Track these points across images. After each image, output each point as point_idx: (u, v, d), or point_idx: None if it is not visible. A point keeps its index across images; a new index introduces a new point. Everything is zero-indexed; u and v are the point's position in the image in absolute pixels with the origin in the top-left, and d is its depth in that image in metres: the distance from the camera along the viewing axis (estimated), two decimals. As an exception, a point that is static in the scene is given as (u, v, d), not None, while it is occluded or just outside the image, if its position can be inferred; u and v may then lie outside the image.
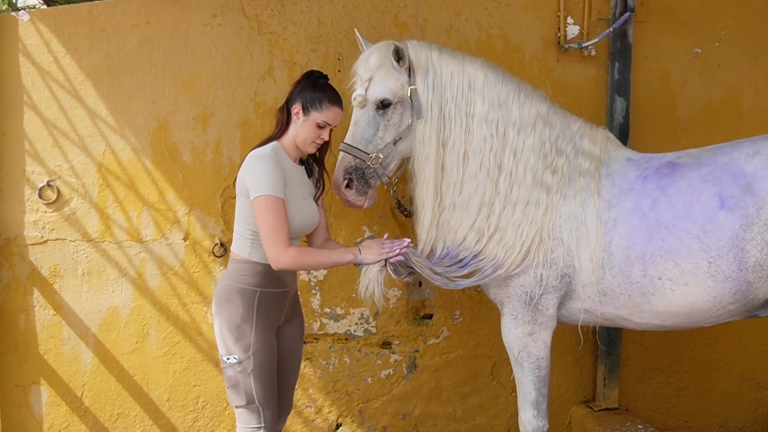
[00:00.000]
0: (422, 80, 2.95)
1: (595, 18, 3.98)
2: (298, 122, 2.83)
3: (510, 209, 2.96)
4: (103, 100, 3.67)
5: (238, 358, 2.74)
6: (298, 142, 2.85)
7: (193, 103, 3.71)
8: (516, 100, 3.00)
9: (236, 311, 2.75)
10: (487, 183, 2.97)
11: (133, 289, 3.74)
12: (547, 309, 3.01)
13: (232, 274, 2.82)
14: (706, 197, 2.78)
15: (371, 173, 2.95)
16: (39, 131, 3.64)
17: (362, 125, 2.96)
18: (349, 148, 2.94)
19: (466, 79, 2.97)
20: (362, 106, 2.96)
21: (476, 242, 2.99)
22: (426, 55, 2.98)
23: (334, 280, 3.86)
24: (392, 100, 2.93)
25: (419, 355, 3.98)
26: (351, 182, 2.95)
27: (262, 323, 2.78)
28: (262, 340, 2.76)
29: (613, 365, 4.04)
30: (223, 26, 3.73)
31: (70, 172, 3.67)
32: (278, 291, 2.86)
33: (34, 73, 3.63)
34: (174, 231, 3.75)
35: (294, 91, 2.86)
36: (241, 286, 2.77)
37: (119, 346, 3.76)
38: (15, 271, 3.67)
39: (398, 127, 2.96)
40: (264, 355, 2.77)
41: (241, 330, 2.74)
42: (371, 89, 2.95)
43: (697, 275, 2.76)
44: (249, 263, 2.80)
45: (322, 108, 2.80)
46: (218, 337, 2.81)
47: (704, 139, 3.46)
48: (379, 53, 2.98)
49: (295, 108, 2.82)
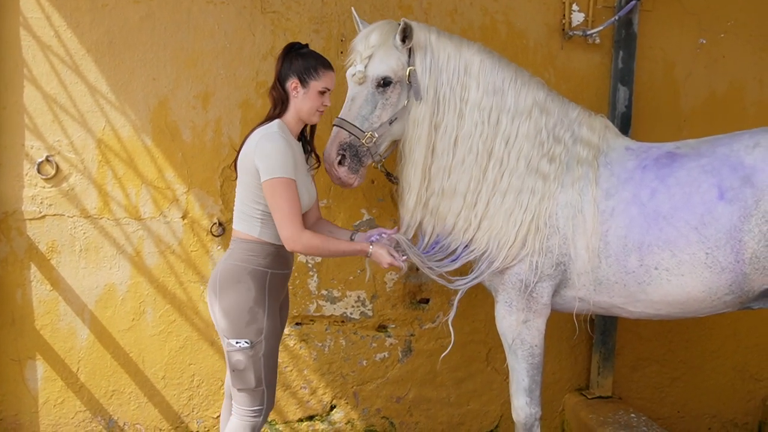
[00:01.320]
0: (421, 61, 2.93)
1: (601, 6, 3.96)
2: (298, 96, 2.80)
3: (499, 197, 2.95)
4: (104, 76, 3.65)
5: (250, 342, 2.70)
6: (302, 115, 2.83)
7: (194, 81, 3.69)
8: (512, 87, 2.97)
9: (248, 293, 2.71)
10: (474, 169, 2.95)
11: (130, 267, 3.74)
12: (541, 297, 3.01)
13: (239, 254, 2.76)
14: (705, 188, 2.78)
15: (364, 152, 2.92)
16: (39, 106, 3.63)
17: (360, 102, 2.93)
18: (345, 124, 2.91)
19: (462, 64, 2.95)
20: (360, 83, 2.94)
21: (465, 231, 2.98)
22: (425, 37, 2.96)
23: (332, 263, 3.86)
24: (393, 79, 2.91)
25: (414, 340, 3.99)
26: (344, 159, 2.91)
27: (272, 306, 2.76)
28: (272, 323, 2.75)
29: (607, 354, 4.06)
30: (226, 4, 3.71)
31: (70, 148, 3.65)
32: (284, 272, 2.86)
33: (34, 47, 3.61)
34: (172, 209, 3.74)
35: (282, 67, 2.81)
36: (252, 267, 2.73)
37: (115, 323, 3.77)
38: (12, 245, 3.66)
39: (395, 107, 2.94)
40: (273, 338, 2.77)
41: (254, 313, 2.70)
42: (371, 66, 2.92)
43: (693, 266, 2.76)
44: (260, 243, 2.76)
45: (318, 75, 2.79)
46: (223, 319, 2.73)
47: (707, 131, 3.44)
48: (380, 31, 2.96)
49: (292, 83, 2.78)
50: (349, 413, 3.97)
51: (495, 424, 4.11)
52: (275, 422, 3.91)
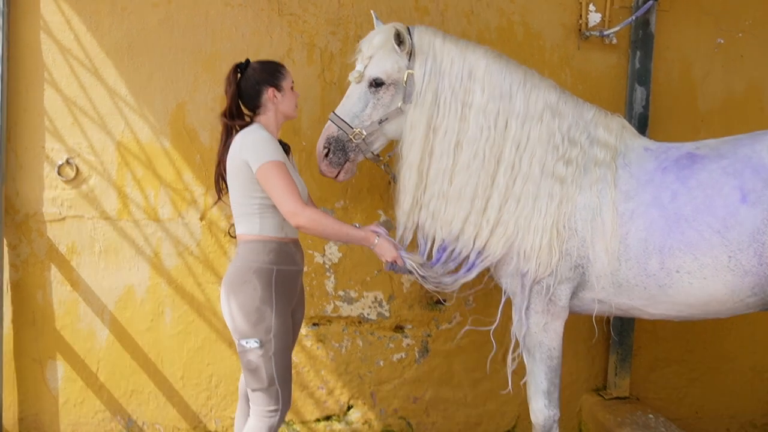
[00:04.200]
0: (420, 66, 2.96)
1: (618, 6, 3.96)
2: (278, 100, 2.90)
3: (513, 202, 2.94)
4: (123, 79, 3.67)
5: (259, 341, 2.72)
6: (288, 114, 2.95)
7: (212, 83, 3.71)
8: (521, 90, 2.96)
9: (254, 293, 2.73)
10: (482, 174, 2.94)
11: (149, 268, 3.77)
12: (559, 299, 3.00)
13: (244, 255, 2.80)
14: (728, 191, 2.76)
15: (352, 147, 3.00)
16: (59, 108, 3.66)
17: (353, 99, 3.01)
18: (336, 119, 3.00)
19: (466, 68, 2.96)
20: (357, 82, 3.01)
21: (476, 237, 2.97)
22: (429, 41, 2.98)
23: (349, 263, 3.88)
24: (385, 81, 2.96)
25: (431, 340, 4.00)
26: (329, 152, 3.01)
27: (280, 304, 2.77)
28: (281, 321, 2.76)
29: (625, 354, 4.05)
30: (243, 7, 3.72)
31: (89, 150, 3.68)
32: (292, 269, 2.86)
33: (54, 50, 3.64)
34: (190, 211, 3.76)
35: (246, 86, 2.88)
36: (257, 266, 2.76)
37: (134, 324, 3.80)
38: (33, 247, 3.70)
39: (387, 108, 2.99)
40: (283, 337, 2.77)
41: (261, 312, 2.73)
42: (369, 67, 2.99)
43: (716, 269, 2.74)
44: (261, 241, 2.79)
45: (284, 74, 2.94)
46: (233, 321, 2.77)
47: (724, 132, 3.44)
48: (383, 34, 3.01)
49: (269, 92, 2.88)
50: (366, 413, 3.99)
51: (512, 424, 4.11)
52: (292, 422, 3.93)
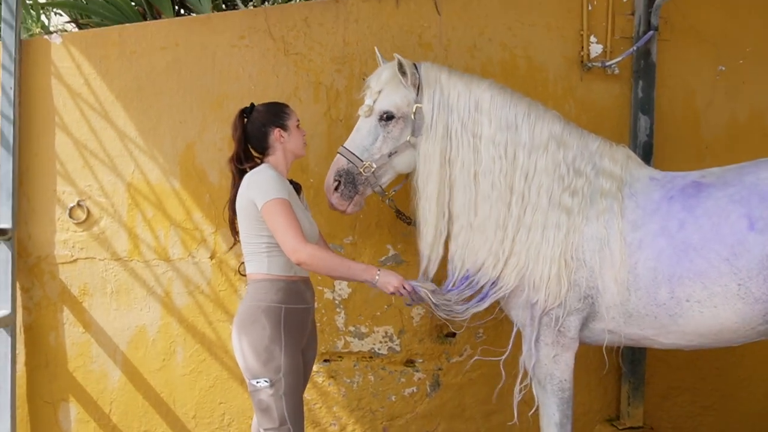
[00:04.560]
0: (428, 99, 3.02)
1: (619, 36, 4.00)
2: (285, 140, 2.94)
3: (525, 232, 2.97)
4: (133, 121, 3.73)
5: (269, 381, 2.72)
6: (296, 152, 3.00)
7: (221, 123, 3.76)
8: (525, 121, 3.01)
9: (263, 332, 2.74)
10: (500, 205, 2.98)
11: (160, 308, 3.79)
12: (568, 331, 3.00)
13: (253, 295, 2.82)
14: (735, 218, 2.77)
15: (362, 180, 3.04)
16: (70, 152, 3.72)
17: (363, 133, 3.06)
18: (345, 152, 3.05)
19: (473, 101, 3.02)
20: (367, 116, 3.07)
21: (494, 266, 3.00)
22: (435, 76, 3.06)
23: (359, 299, 3.89)
24: (395, 114, 3.02)
25: (443, 374, 3.99)
26: (339, 185, 3.04)
27: (290, 342, 2.78)
28: (291, 360, 2.76)
29: (637, 383, 4.03)
30: (249, 47, 3.79)
31: (100, 192, 3.73)
32: (301, 308, 2.87)
33: (65, 95, 3.71)
34: (201, 250, 3.79)
35: (251, 129, 2.95)
36: (266, 305, 2.77)
37: (146, 364, 3.81)
38: (46, 289, 3.73)
39: (396, 141, 3.04)
40: (294, 376, 2.77)
41: (270, 351, 2.73)
42: (379, 101, 3.05)
43: (726, 297, 2.74)
44: (269, 280, 2.81)
45: (288, 114, 2.99)
46: (244, 360, 2.78)
47: (729, 159, 3.44)
48: (391, 69, 3.09)
49: (275, 133, 2.93)
50: (379, 449, 3.97)
51: (526, 457, 4.08)
52: (306, 460, 3.92)
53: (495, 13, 3.93)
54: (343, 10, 3.84)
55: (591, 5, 3.98)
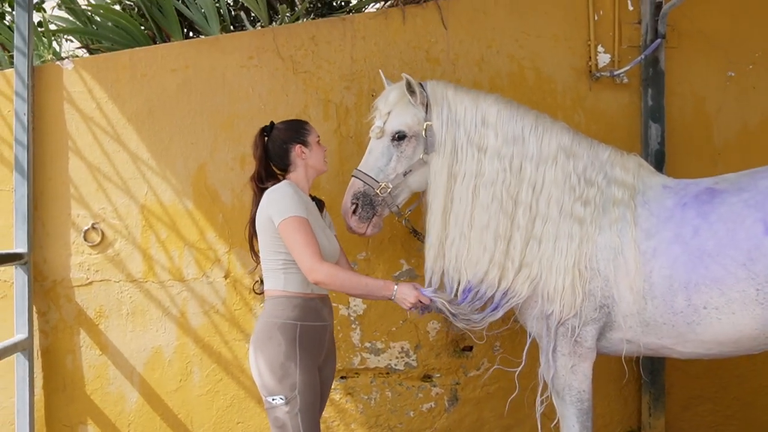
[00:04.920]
0: (437, 116, 3.04)
1: (626, 45, 4.01)
2: (307, 156, 2.96)
3: (535, 244, 2.97)
4: (145, 144, 3.76)
5: (284, 398, 2.71)
6: (318, 168, 3.02)
7: (232, 143, 3.79)
8: (533, 134, 3.03)
9: (278, 348, 2.74)
10: (501, 216, 2.98)
11: (176, 328, 3.80)
12: (585, 341, 2.99)
13: (269, 311, 2.83)
14: (750, 223, 2.74)
15: (379, 201, 3.05)
16: (83, 175, 3.75)
17: (376, 154, 3.08)
18: (361, 174, 3.06)
19: (479, 115, 3.04)
20: (379, 138, 3.09)
21: (501, 278, 2.99)
22: (442, 93, 3.09)
23: (374, 314, 3.88)
24: (407, 133, 3.05)
25: (460, 388, 3.97)
26: (357, 208, 3.05)
27: (305, 360, 2.77)
28: (306, 377, 2.75)
29: (657, 394, 3.99)
30: (259, 67, 3.82)
31: (114, 215, 3.76)
32: (317, 325, 2.86)
33: (77, 119, 3.75)
34: (215, 269, 3.80)
35: (272, 146, 2.96)
36: (281, 321, 2.77)
37: (163, 385, 3.81)
38: (62, 312, 3.75)
39: (410, 160, 3.06)
40: (309, 393, 2.75)
41: (286, 368, 2.72)
42: (389, 122, 3.07)
43: (744, 303, 2.72)
44: (285, 297, 2.81)
45: (309, 130, 3.01)
46: (260, 377, 2.77)
47: (742, 164, 3.43)
48: (398, 90, 3.12)
49: (296, 149, 2.95)
50: (398, 466, 3.94)
51: (547, 470, 4.04)
52: (325, 478, 3.90)
53: (501, 26, 3.95)
54: (349, 27, 3.88)
55: (597, 15, 3.99)
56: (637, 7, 4.02)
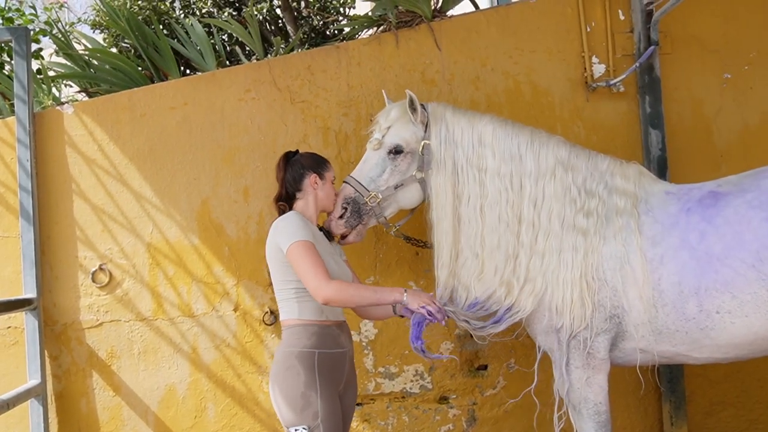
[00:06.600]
0: (436, 136, 3.09)
1: (620, 55, 4.02)
2: (318, 188, 3.00)
3: (538, 259, 2.98)
4: (148, 182, 3.79)
5: (307, 428, 2.67)
6: (324, 204, 3.04)
7: (234, 176, 3.81)
8: (529, 150, 3.05)
9: (298, 378, 2.72)
10: (509, 235, 3.00)
11: (188, 365, 3.79)
12: (598, 352, 2.97)
13: (286, 341, 2.82)
14: (757, 224, 2.73)
15: (367, 210, 3.09)
16: (88, 217, 3.77)
17: (371, 164, 3.14)
18: (352, 181, 3.11)
19: (476, 135, 3.08)
20: (376, 149, 3.14)
21: (506, 295, 3.00)
22: (441, 114, 3.14)
23: (386, 338, 3.86)
24: (405, 149, 3.10)
25: (478, 408, 3.92)
26: (345, 213, 3.08)
27: (326, 387, 2.75)
28: (328, 405, 2.73)
29: (678, 402, 3.93)
30: (256, 100, 3.85)
31: (121, 254, 3.77)
32: (336, 352, 2.85)
33: (80, 162, 3.78)
34: (224, 303, 3.80)
35: (292, 171, 3.00)
36: (299, 350, 2.76)
37: (178, 422, 3.79)
38: (73, 355, 3.75)
39: (403, 175, 3.12)
40: (332, 421, 2.72)
41: (306, 397, 2.70)
42: (388, 135, 3.13)
43: (757, 305, 2.69)
44: (301, 325, 2.81)
45: (328, 167, 3.08)
46: (280, 408, 2.75)
47: (745, 165, 3.41)
48: (399, 107, 3.19)
49: (312, 178, 2.99)
50: (419, 491, 3.89)
51: (571, 487, 3.97)
52: (346, 508, 3.84)
53: (495, 43, 3.97)
54: (344, 55, 3.91)
55: (589, 26, 4.01)
56: (628, 16, 4.04)
